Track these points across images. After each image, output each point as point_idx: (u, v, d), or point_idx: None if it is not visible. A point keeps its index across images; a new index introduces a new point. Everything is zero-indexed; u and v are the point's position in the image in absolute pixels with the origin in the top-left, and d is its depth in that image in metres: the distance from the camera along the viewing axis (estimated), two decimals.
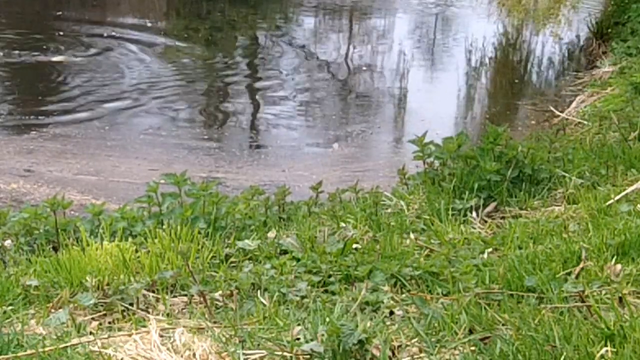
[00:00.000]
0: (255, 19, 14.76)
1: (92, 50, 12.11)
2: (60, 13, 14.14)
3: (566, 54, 13.63)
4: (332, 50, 12.95)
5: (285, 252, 4.41)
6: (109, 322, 3.66)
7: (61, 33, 12.85)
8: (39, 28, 13.05)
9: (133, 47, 12.48)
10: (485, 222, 5.12)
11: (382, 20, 15.55)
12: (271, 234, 4.77)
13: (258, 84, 11.12)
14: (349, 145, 9.16)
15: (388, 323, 3.48)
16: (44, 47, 12.00)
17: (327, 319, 3.31)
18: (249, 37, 13.86)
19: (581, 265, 3.91)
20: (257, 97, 10.59)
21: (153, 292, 3.90)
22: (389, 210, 5.33)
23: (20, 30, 12.76)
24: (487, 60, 13.15)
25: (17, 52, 11.71)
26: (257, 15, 14.94)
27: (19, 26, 13.02)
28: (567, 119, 9.53)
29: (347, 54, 12.86)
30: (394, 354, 3.22)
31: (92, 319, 3.69)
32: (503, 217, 5.21)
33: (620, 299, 3.56)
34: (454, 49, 13.53)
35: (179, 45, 12.82)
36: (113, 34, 13.06)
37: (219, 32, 13.71)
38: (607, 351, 3.03)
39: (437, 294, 3.83)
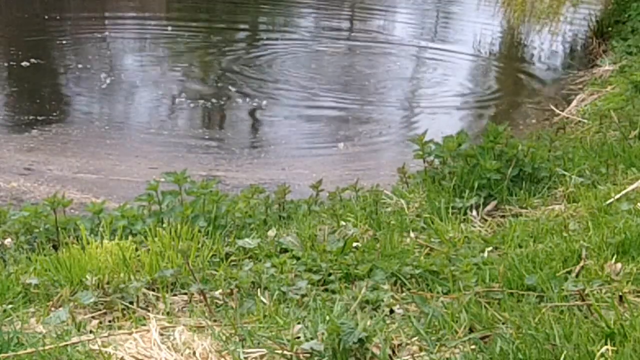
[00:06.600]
0: (255, 15, 14.75)
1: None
2: None
3: (567, 53, 13.63)
4: (333, 48, 12.94)
5: (285, 250, 4.41)
6: (109, 321, 3.67)
7: None
8: None
9: None
10: (486, 220, 5.12)
11: (384, 18, 15.54)
12: (271, 233, 4.76)
13: (258, 82, 11.10)
14: (355, 144, 9.15)
15: (388, 321, 3.48)
16: None
17: (327, 318, 3.31)
18: (249, 33, 13.85)
19: (581, 264, 3.92)
20: (257, 95, 10.58)
21: (153, 290, 3.90)
22: (389, 209, 5.33)
23: None
24: (490, 59, 13.15)
25: None
26: (257, 11, 14.93)
27: None
28: (567, 118, 9.53)
29: (349, 52, 12.85)
30: (394, 352, 3.22)
31: (92, 317, 3.69)
32: (503, 216, 5.21)
33: (621, 297, 3.56)
34: (456, 48, 13.52)
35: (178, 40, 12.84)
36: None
37: (218, 29, 13.69)
38: (607, 350, 3.03)
39: (437, 292, 3.84)
